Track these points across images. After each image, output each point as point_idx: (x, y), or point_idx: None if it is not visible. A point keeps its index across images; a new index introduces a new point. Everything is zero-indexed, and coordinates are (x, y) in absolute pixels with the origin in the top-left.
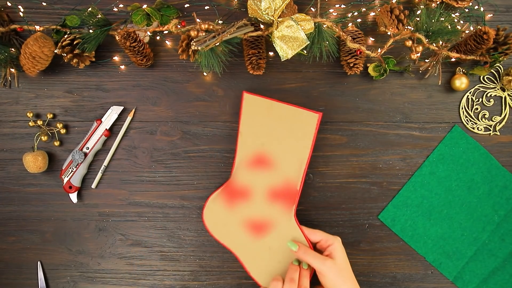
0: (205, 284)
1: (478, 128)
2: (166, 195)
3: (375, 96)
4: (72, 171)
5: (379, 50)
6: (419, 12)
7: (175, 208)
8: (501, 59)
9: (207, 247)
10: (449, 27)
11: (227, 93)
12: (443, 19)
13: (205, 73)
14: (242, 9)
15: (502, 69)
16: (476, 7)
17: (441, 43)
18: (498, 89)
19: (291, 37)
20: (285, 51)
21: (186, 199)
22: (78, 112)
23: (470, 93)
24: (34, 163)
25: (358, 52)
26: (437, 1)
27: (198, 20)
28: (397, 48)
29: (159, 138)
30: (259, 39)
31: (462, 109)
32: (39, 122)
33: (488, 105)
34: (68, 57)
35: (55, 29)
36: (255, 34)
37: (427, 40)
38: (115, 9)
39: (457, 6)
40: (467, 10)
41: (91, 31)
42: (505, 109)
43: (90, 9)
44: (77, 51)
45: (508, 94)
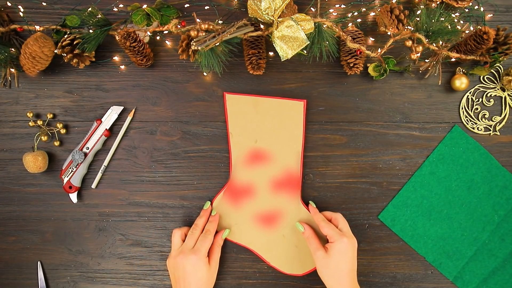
0: None
1: (478, 128)
2: (166, 195)
3: (375, 96)
4: (72, 171)
5: (379, 50)
6: (419, 12)
7: (175, 208)
8: (501, 59)
9: None
10: (449, 27)
11: None
12: (443, 19)
13: (205, 73)
14: (242, 9)
15: (502, 69)
16: (476, 7)
17: (441, 43)
18: (498, 89)
19: (291, 37)
20: (285, 51)
21: (186, 199)
22: (78, 112)
23: (470, 93)
24: (34, 163)
25: (358, 52)
26: (437, 1)
27: (198, 20)
28: (397, 48)
29: (159, 138)
30: (259, 39)
31: (462, 109)
32: (39, 122)
33: (488, 105)
34: (68, 57)
35: (55, 29)
36: (255, 34)
37: (427, 40)
38: (115, 9)
39: (457, 6)
40: (467, 10)
41: (91, 31)
42: (505, 109)
43: (90, 9)
44: (77, 51)
45: (508, 94)
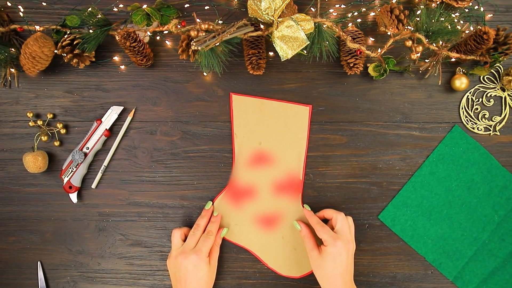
0: None
1: (478, 128)
2: (166, 195)
3: (375, 96)
4: (72, 171)
5: (379, 50)
6: (419, 12)
7: (175, 208)
8: (501, 59)
9: None
10: (449, 27)
11: (227, 93)
12: (443, 19)
13: (205, 73)
14: (242, 9)
15: (502, 69)
16: (476, 7)
17: (441, 43)
18: (498, 89)
19: (291, 37)
20: (285, 51)
21: (186, 199)
22: (78, 112)
23: (470, 93)
24: (34, 163)
25: (358, 52)
26: (437, 1)
27: (198, 20)
28: (397, 48)
29: (159, 138)
30: (259, 39)
31: (462, 109)
32: (39, 122)
33: (488, 105)
34: (68, 57)
35: (55, 29)
36: (255, 34)
37: (427, 40)
38: (115, 9)
39: (457, 6)
40: (467, 10)
41: (91, 31)
42: (505, 109)
43: (90, 9)
44: (77, 51)
45: (508, 94)
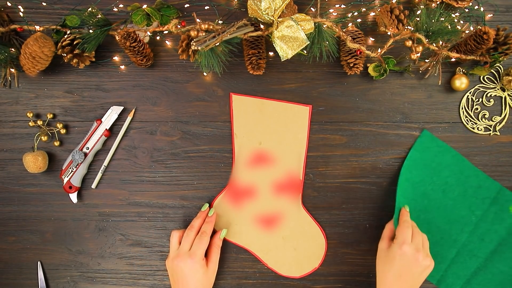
0: None
1: (478, 128)
2: (166, 195)
3: (375, 96)
4: (72, 171)
5: (379, 50)
6: (419, 12)
7: (175, 208)
8: (501, 59)
9: None
10: (449, 27)
11: (227, 93)
12: (443, 19)
13: (205, 73)
14: (242, 9)
15: (502, 69)
16: (476, 7)
17: (441, 43)
18: (498, 89)
19: (291, 37)
20: (285, 51)
21: (186, 199)
22: (78, 112)
23: (470, 93)
24: (34, 163)
25: (358, 52)
26: (437, 1)
27: (198, 20)
28: (397, 48)
29: (159, 138)
30: (259, 39)
31: (462, 109)
32: (39, 122)
33: (488, 105)
34: (68, 57)
35: (55, 29)
36: (255, 34)
37: (427, 40)
38: (115, 9)
39: (457, 6)
40: (467, 10)
41: (91, 31)
42: (505, 109)
43: (90, 9)
44: (77, 51)
45: (508, 94)
